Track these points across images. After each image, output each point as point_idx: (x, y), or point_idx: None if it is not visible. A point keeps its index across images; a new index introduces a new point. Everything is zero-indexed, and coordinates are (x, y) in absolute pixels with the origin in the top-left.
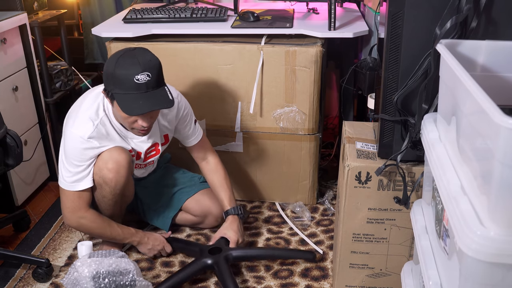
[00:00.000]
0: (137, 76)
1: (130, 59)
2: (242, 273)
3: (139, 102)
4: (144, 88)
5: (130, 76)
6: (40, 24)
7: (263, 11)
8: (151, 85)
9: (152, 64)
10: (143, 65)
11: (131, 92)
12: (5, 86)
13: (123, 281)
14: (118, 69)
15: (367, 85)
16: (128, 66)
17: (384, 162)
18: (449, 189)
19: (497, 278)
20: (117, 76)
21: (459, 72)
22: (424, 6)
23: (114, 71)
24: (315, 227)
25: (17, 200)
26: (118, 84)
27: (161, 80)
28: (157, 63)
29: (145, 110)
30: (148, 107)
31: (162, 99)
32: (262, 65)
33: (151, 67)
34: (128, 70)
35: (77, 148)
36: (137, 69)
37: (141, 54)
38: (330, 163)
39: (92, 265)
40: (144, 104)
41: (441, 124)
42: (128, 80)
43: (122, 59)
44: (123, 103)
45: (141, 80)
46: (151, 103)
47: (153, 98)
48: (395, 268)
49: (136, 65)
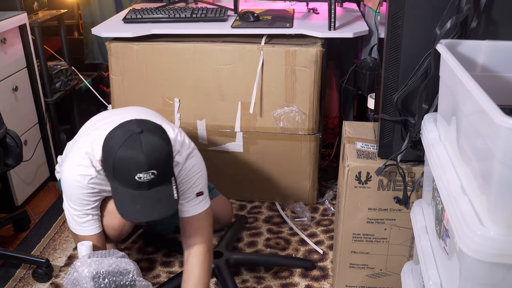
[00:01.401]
0: (139, 175)
1: (134, 149)
2: (242, 273)
3: (136, 206)
4: (145, 186)
5: (132, 172)
6: (40, 24)
7: (263, 11)
8: (155, 183)
9: (159, 157)
10: (149, 161)
11: (130, 189)
12: (5, 86)
13: (123, 281)
14: (118, 158)
15: (367, 85)
16: (131, 160)
17: (384, 162)
18: (449, 189)
19: (497, 278)
20: (117, 166)
21: (459, 72)
22: (424, 6)
23: (114, 159)
24: (315, 227)
25: (17, 200)
26: (117, 175)
27: (168, 175)
28: (165, 154)
29: (140, 219)
30: (144, 215)
31: (163, 201)
32: (262, 65)
33: (158, 163)
34: (131, 165)
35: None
36: (141, 166)
37: (149, 142)
38: (330, 163)
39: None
40: (141, 210)
41: (441, 124)
42: (128, 177)
43: (125, 146)
44: (118, 199)
45: (143, 179)
46: (149, 209)
47: (153, 201)
48: (395, 268)
49: (140, 160)
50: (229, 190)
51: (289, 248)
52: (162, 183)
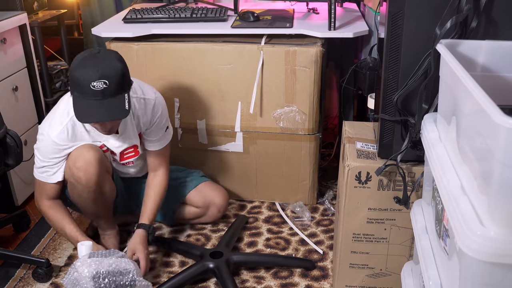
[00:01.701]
0: (93, 83)
1: (91, 63)
2: (242, 273)
3: (92, 110)
4: (100, 95)
5: (87, 81)
6: (40, 24)
7: (263, 11)
8: (108, 93)
9: (112, 71)
10: (101, 72)
11: (87, 98)
12: (5, 86)
13: (123, 281)
14: (77, 71)
15: (367, 85)
16: (87, 71)
17: (384, 162)
18: (449, 189)
19: (497, 278)
20: (75, 79)
21: (459, 72)
22: (424, 6)
23: (74, 73)
24: (315, 227)
25: (17, 200)
26: (75, 86)
27: (121, 88)
28: (118, 69)
29: (93, 120)
30: (97, 117)
31: (116, 109)
32: (262, 65)
33: (110, 75)
34: (86, 75)
35: (45, 146)
36: (95, 75)
37: (103, 58)
38: (330, 163)
39: (92, 265)
40: (95, 113)
41: (441, 124)
42: (85, 85)
43: (82, 62)
44: (77, 107)
45: (97, 87)
46: (101, 113)
47: (106, 107)
48: (395, 268)
49: (94, 71)
50: (229, 190)
51: (289, 248)
52: (114, 95)
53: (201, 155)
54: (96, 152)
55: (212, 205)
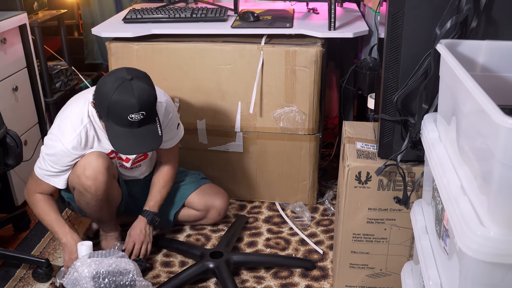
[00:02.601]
0: (131, 115)
1: (127, 94)
2: (242, 273)
3: (128, 140)
4: (136, 125)
5: (125, 113)
6: (40, 24)
7: (263, 11)
8: (144, 122)
9: (148, 100)
10: (140, 104)
11: (123, 127)
12: (5, 86)
13: (123, 281)
14: (113, 101)
15: (367, 85)
16: (124, 103)
17: (384, 162)
18: (449, 189)
19: (497, 278)
20: (111, 109)
21: (459, 72)
22: (424, 6)
23: (109, 102)
24: (315, 227)
25: (17, 200)
26: (111, 116)
27: (154, 114)
28: (152, 97)
29: (133, 152)
30: (136, 149)
31: (152, 137)
32: (262, 65)
33: (147, 105)
34: (124, 107)
35: (55, 153)
36: (133, 108)
37: (139, 87)
38: (330, 163)
39: (92, 265)
40: (133, 145)
41: (441, 124)
42: (122, 117)
43: (118, 92)
44: (113, 136)
45: (135, 119)
46: (140, 144)
47: (142, 137)
48: (395, 268)
49: (132, 102)
50: (229, 190)
51: (289, 248)
52: (149, 122)
53: (201, 155)
54: (105, 160)
55: (212, 208)
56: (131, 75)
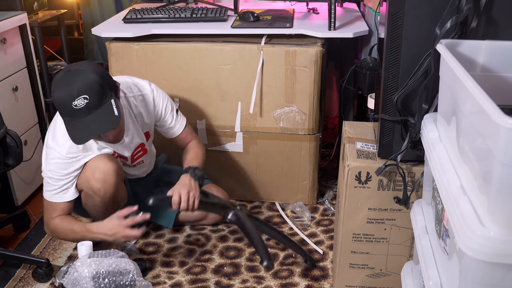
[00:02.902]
0: (74, 102)
1: (65, 84)
2: (242, 273)
3: (83, 128)
4: (85, 112)
5: (68, 103)
6: (40, 24)
7: (263, 11)
8: (92, 107)
9: (89, 84)
10: (78, 89)
11: (75, 118)
12: (5, 86)
13: (123, 281)
14: (55, 95)
15: (367, 85)
16: (63, 93)
17: (384, 162)
18: (449, 189)
19: (497, 278)
20: (57, 104)
21: (459, 72)
22: (424, 6)
23: (54, 98)
24: (315, 227)
25: (17, 200)
26: (61, 112)
27: (104, 97)
28: (93, 81)
29: (86, 138)
30: (89, 133)
31: (105, 118)
32: (262, 65)
33: (89, 88)
34: (64, 97)
35: (57, 164)
36: (72, 95)
37: (77, 74)
38: (330, 163)
39: (92, 265)
40: (87, 130)
41: (441, 124)
42: (68, 108)
43: (58, 85)
44: (69, 130)
45: (79, 105)
46: (93, 128)
47: (95, 121)
48: (395, 268)
49: (69, 90)
50: (229, 190)
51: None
52: (99, 106)
53: None
54: (114, 162)
55: None
56: (69, 68)
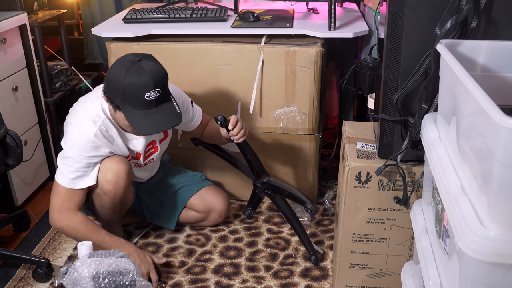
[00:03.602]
0: (147, 94)
1: (139, 73)
2: (242, 273)
3: (150, 120)
4: (154, 104)
5: (141, 93)
6: (40, 24)
7: (263, 11)
8: (161, 100)
9: (160, 77)
10: (154, 81)
11: (141, 108)
12: (5, 86)
13: (123, 281)
14: (127, 84)
15: (367, 85)
16: (138, 83)
17: (384, 162)
18: (449, 189)
19: (497, 278)
20: (126, 92)
21: (459, 72)
22: (424, 6)
23: (123, 86)
24: (315, 227)
25: (17, 200)
26: (128, 100)
27: (168, 92)
28: (164, 74)
29: (157, 130)
30: (159, 126)
31: (171, 114)
32: (262, 65)
33: (161, 82)
34: (139, 86)
35: (81, 144)
36: (148, 85)
37: (149, 66)
38: (330, 163)
39: (92, 265)
40: (155, 123)
41: (441, 124)
42: (139, 97)
43: (130, 74)
44: (133, 119)
45: (151, 97)
46: (161, 121)
47: (162, 114)
48: (395, 268)
49: (146, 81)
50: (229, 190)
51: (289, 248)
52: (165, 100)
53: (201, 155)
54: (126, 164)
55: (213, 210)
56: (139, 57)
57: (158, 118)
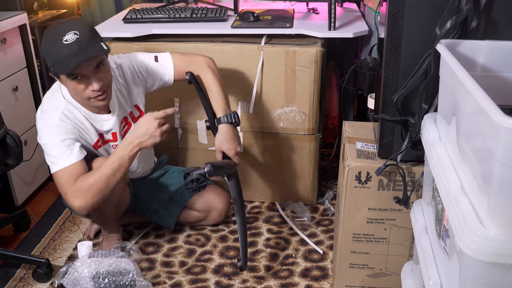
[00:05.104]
0: (64, 38)
1: (56, 27)
2: (242, 273)
3: (72, 61)
4: (75, 47)
5: (58, 40)
6: (40, 24)
7: (263, 11)
8: (83, 43)
9: (81, 24)
10: (69, 27)
11: (64, 55)
12: (5, 86)
13: (123, 281)
14: (46, 40)
15: (367, 85)
16: (55, 32)
17: (384, 162)
18: (449, 189)
19: (497, 278)
20: (48, 47)
21: (459, 72)
22: (424, 6)
23: (45, 44)
24: (315, 227)
25: (17, 200)
26: (51, 54)
27: (95, 38)
28: (86, 22)
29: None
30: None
31: (93, 48)
32: (262, 65)
33: (80, 27)
34: (56, 35)
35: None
36: (63, 31)
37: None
38: (330, 163)
39: (92, 265)
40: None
41: (441, 124)
42: (58, 45)
43: (48, 32)
44: (59, 66)
45: (69, 40)
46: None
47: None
48: (395, 268)
49: (62, 29)
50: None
51: (289, 248)
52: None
53: (201, 155)
54: None
55: (213, 210)
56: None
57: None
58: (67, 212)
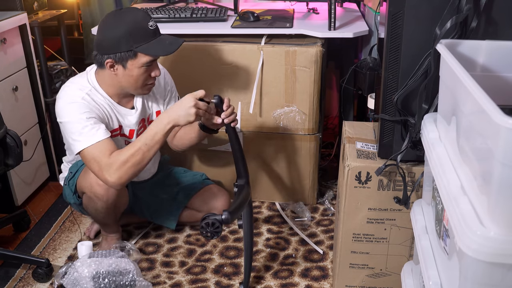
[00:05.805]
0: (149, 23)
1: (133, 13)
2: (242, 273)
3: (162, 45)
4: (158, 33)
5: (144, 24)
6: (40, 24)
7: (263, 11)
8: (158, 31)
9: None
10: (147, 15)
11: (151, 39)
12: (5, 86)
13: (123, 281)
14: (130, 22)
15: (367, 85)
16: (139, 17)
17: (384, 162)
18: (449, 189)
19: (497, 278)
20: (133, 30)
21: (459, 72)
22: (424, 6)
23: (128, 27)
24: (315, 227)
25: (17, 200)
26: (136, 37)
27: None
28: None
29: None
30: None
31: (173, 39)
32: (262, 65)
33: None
34: (141, 20)
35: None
36: (146, 17)
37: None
38: (330, 163)
39: (92, 265)
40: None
41: (441, 124)
42: (145, 29)
43: (126, 16)
44: (152, 49)
45: (153, 26)
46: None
47: (169, 39)
48: (395, 268)
49: (143, 14)
50: (229, 191)
51: (289, 248)
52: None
53: (201, 155)
54: None
55: (214, 210)
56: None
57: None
58: (67, 212)
